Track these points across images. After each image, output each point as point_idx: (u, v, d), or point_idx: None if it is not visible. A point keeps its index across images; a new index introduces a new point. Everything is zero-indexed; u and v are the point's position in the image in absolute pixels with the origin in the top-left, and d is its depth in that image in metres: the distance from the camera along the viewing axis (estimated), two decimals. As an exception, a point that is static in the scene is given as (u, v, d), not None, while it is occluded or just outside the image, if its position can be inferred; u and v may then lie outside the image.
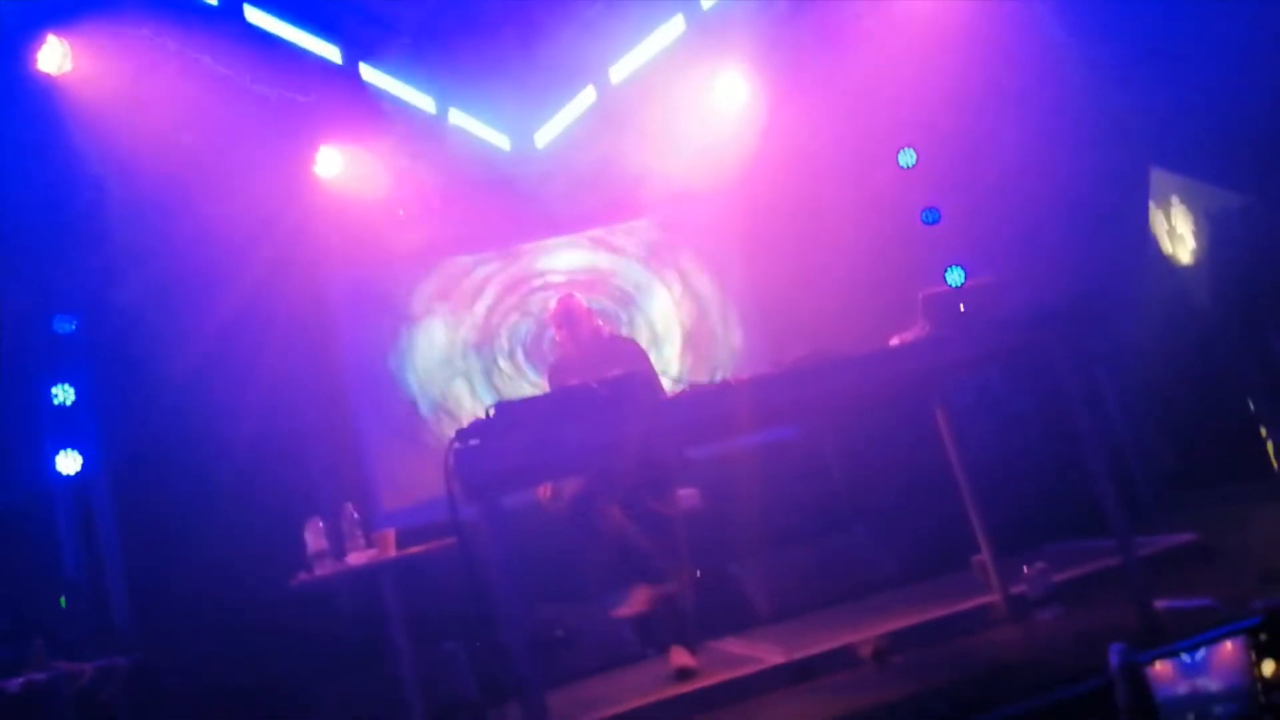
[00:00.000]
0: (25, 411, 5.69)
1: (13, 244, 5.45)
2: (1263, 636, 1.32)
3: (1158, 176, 6.33)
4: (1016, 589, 3.90)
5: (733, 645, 4.54)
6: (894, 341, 3.15)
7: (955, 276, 6.40)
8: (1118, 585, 3.50)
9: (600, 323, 4.43)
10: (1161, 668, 0.59)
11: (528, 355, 6.63)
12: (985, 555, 4.04)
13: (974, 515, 4.03)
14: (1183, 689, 0.59)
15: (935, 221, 6.65)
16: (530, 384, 6.52)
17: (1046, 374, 3.26)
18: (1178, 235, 6.82)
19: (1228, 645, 0.60)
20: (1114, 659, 0.56)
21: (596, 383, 2.87)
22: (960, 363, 3.21)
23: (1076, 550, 4.65)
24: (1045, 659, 3.21)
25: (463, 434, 2.87)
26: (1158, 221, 6.81)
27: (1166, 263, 6.65)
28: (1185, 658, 0.59)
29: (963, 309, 3.15)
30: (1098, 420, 3.77)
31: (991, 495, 4.15)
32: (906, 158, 6.75)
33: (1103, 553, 4.17)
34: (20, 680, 3.63)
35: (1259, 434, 5.53)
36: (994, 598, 3.97)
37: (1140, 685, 0.56)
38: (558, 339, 4.44)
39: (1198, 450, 5.83)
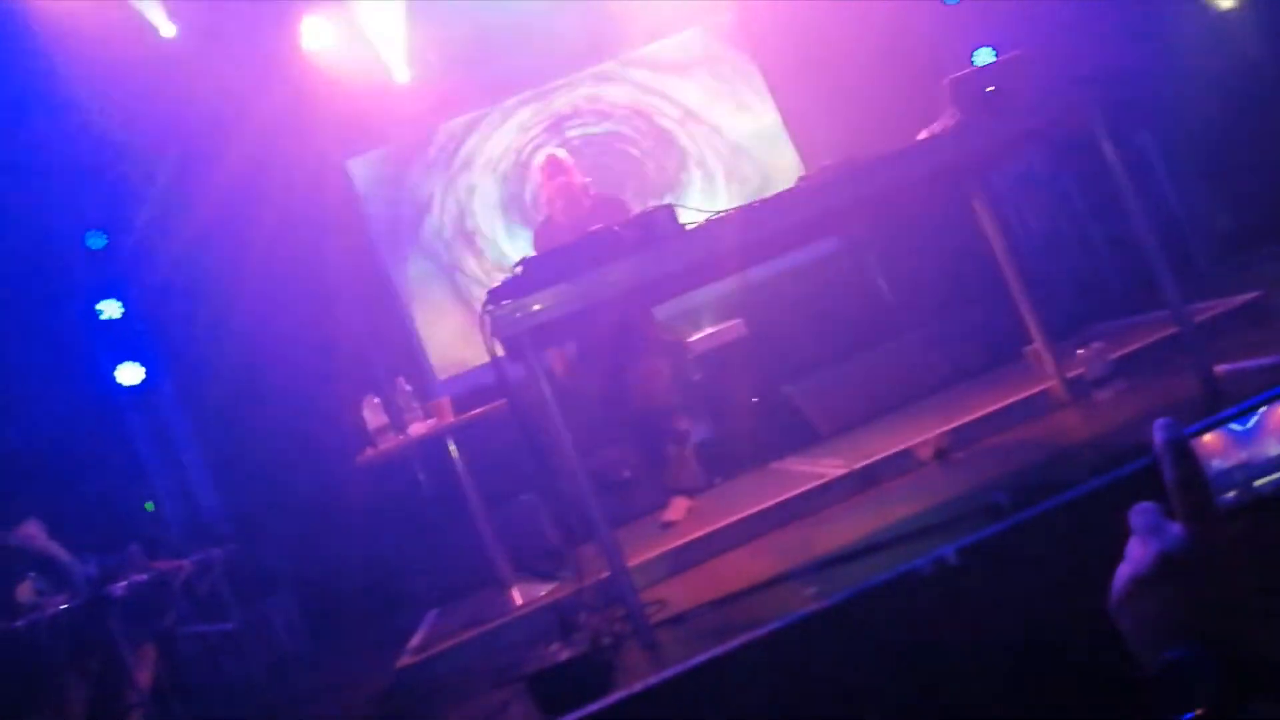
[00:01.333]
0: (75, 328, 5.82)
1: (41, 165, 5.43)
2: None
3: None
4: (1074, 372, 3.86)
5: (794, 464, 4.61)
6: (922, 135, 3.01)
7: (984, 57, 6.05)
8: (1179, 356, 3.44)
9: (587, 180, 4.28)
10: (1211, 439, 0.55)
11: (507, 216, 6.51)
12: (1039, 342, 3.98)
13: (1023, 303, 3.95)
14: (1237, 459, 0.55)
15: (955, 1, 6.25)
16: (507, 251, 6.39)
17: (1088, 147, 3.09)
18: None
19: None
20: (1158, 435, 0.53)
21: (619, 226, 2.81)
22: (992, 148, 3.07)
23: (1134, 326, 4.56)
24: (1105, 440, 3.18)
25: (494, 294, 2.85)
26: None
27: (1205, 7, 6.20)
28: (1237, 425, 0.56)
29: (991, 90, 2.97)
30: (1145, 187, 3.61)
31: (1042, 280, 4.05)
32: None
33: (1162, 324, 4.07)
34: (124, 584, 3.84)
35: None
36: (1052, 382, 3.93)
37: (1188, 460, 0.53)
38: (543, 197, 4.30)
39: (1254, 207, 5.61)
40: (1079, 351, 3.80)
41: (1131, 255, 3.93)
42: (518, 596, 4.00)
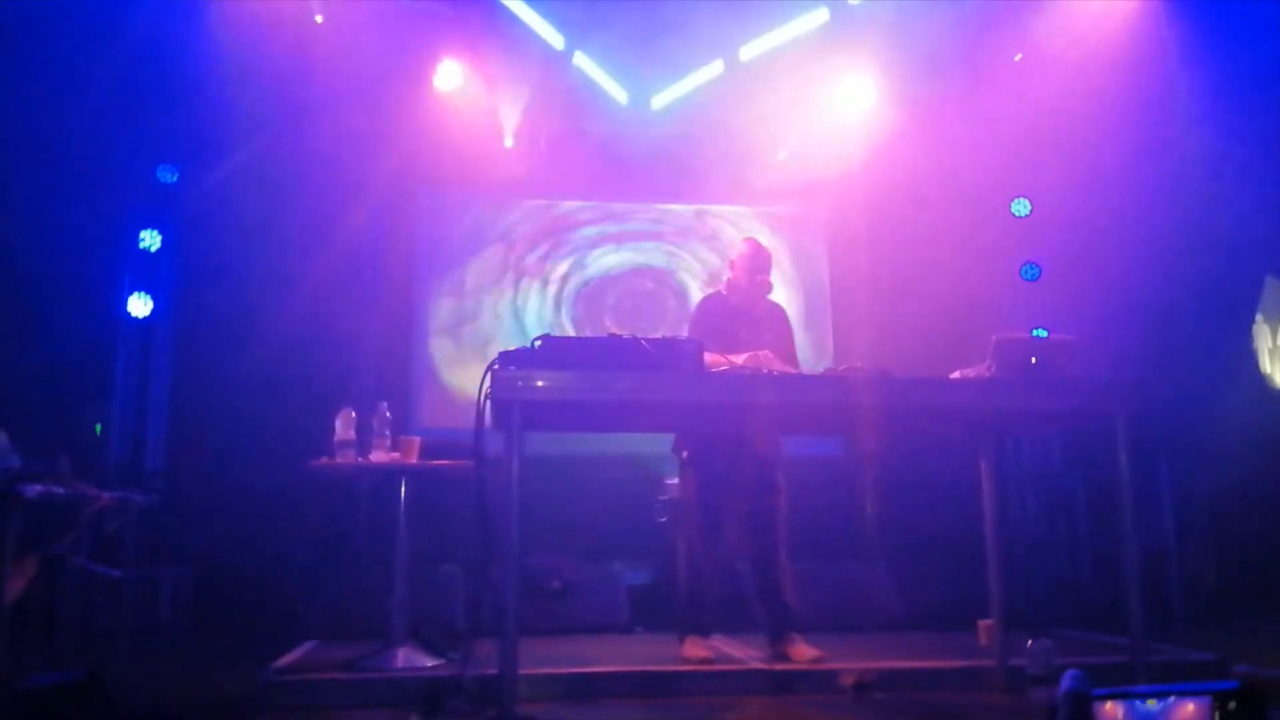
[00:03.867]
0: (113, 253, 5.89)
1: (127, 91, 5.60)
2: (1232, 705, 1.20)
3: (1272, 287, 6.04)
4: (1017, 661, 3.78)
5: (720, 641, 4.49)
6: (955, 374, 3.06)
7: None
8: (1121, 684, 3.37)
9: (772, 281, 4.31)
10: (1112, 708, 0.53)
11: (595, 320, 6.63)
12: (994, 621, 3.92)
13: (994, 577, 3.90)
14: (1133, 736, 0.53)
15: (1034, 279, 6.45)
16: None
17: (1104, 459, 3.12)
18: (1279, 354, 6.51)
19: (1190, 706, 0.54)
20: (1064, 682, 0.50)
21: (644, 339, 2.84)
22: (1015, 410, 3.10)
23: (1090, 640, 4.50)
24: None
25: (505, 357, 2.87)
26: (1261, 335, 6.50)
27: (1260, 379, 6.35)
28: (1140, 704, 0.53)
29: (1034, 361, 3.03)
30: (1145, 514, 3.62)
31: (1021, 563, 4.02)
32: (1020, 206, 6.56)
33: (1116, 649, 4.02)
34: (40, 489, 3.74)
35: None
36: (992, 663, 3.85)
37: (1083, 715, 0.50)
38: (730, 278, 4.30)
39: (1244, 575, 5.58)
40: (1029, 643, 3.73)
41: (1112, 573, 3.91)
42: (401, 658, 3.88)
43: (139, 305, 5.92)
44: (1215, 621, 5.33)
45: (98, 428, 5.52)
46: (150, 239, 6.02)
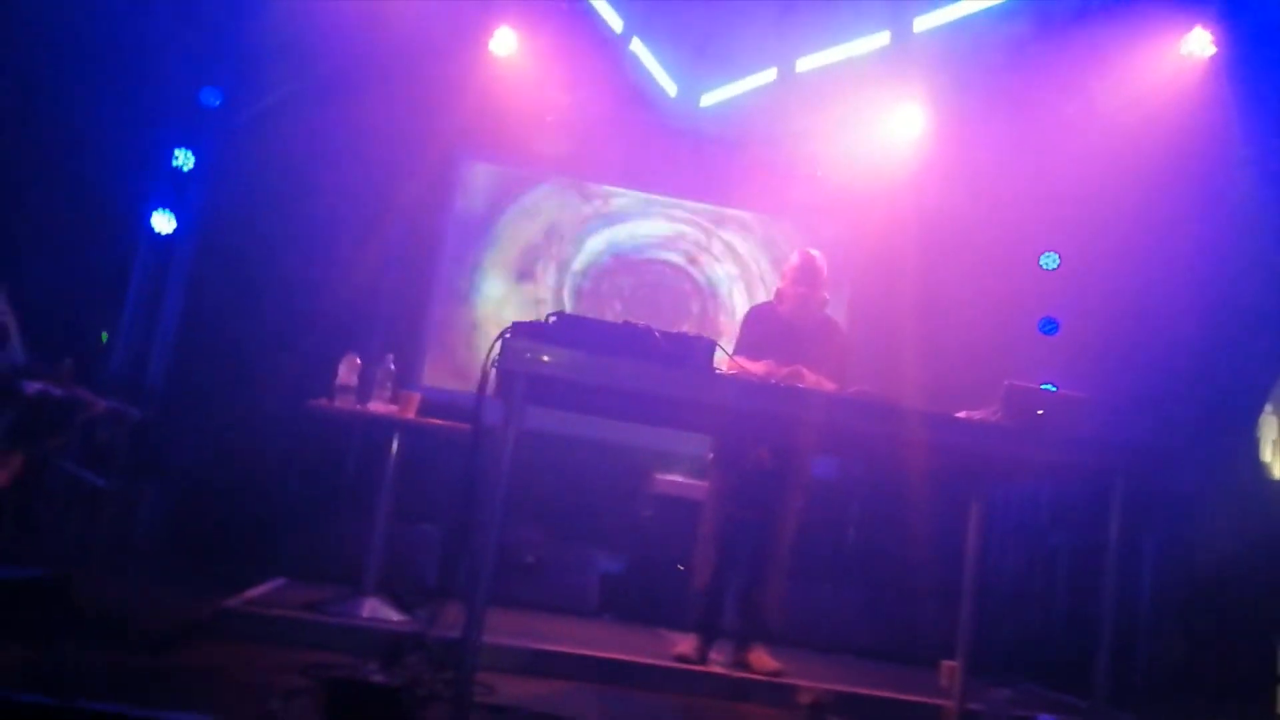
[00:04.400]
0: (145, 168, 5.90)
1: (184, 7, 5.61)
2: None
3: (1289, 380, 6.01)
4: (974, 705, 3.79)
5: (683, 640, 4.50)
6: (961, 414, 3.05)
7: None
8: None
9: (827, 295, 4.24)
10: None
11: (608, 305, 6.64)
12: (959, 662, 3.92)
13: (964, 621, 3.90)
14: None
15: (1051, 333, 6.44)
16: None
17: (1091, 524, 3.12)
18: (1282, 447, 6.49)
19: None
20: None
21: (659, 331, 2.83)
22: (1016, 458, 3.09)
23: (1050, 698, 4.50)
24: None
25: (518, 326, 2.87)
26: (1268, 424, 6.47)
27: (1258, 468, 6.32)
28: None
29: (1041, 413, 3.02)
30: (1124, 582, 3.60)
31: (991, 612, 4.03)
32: (1050, 260, 6.54)
33: (1073, 710, 4.03)
34: (39, 387, 3.77)
35: (1274, 675, 5.25)
36: (950, 704, 3.85)
37: None
38: (780, 288, 4.25)
39: (1211, 658, 5.56)
40: (990, 690, 3.73)
41: (1082, 635, 3.90)
42: (367, 609, 3.90)
43: (163, 222, 5.94)
44: (1177, 698, 5.32)
45: (104, 336, 5.54)
46: (184, 159, 6.03)
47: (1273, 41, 5.23)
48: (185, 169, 6.02)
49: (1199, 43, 5.49)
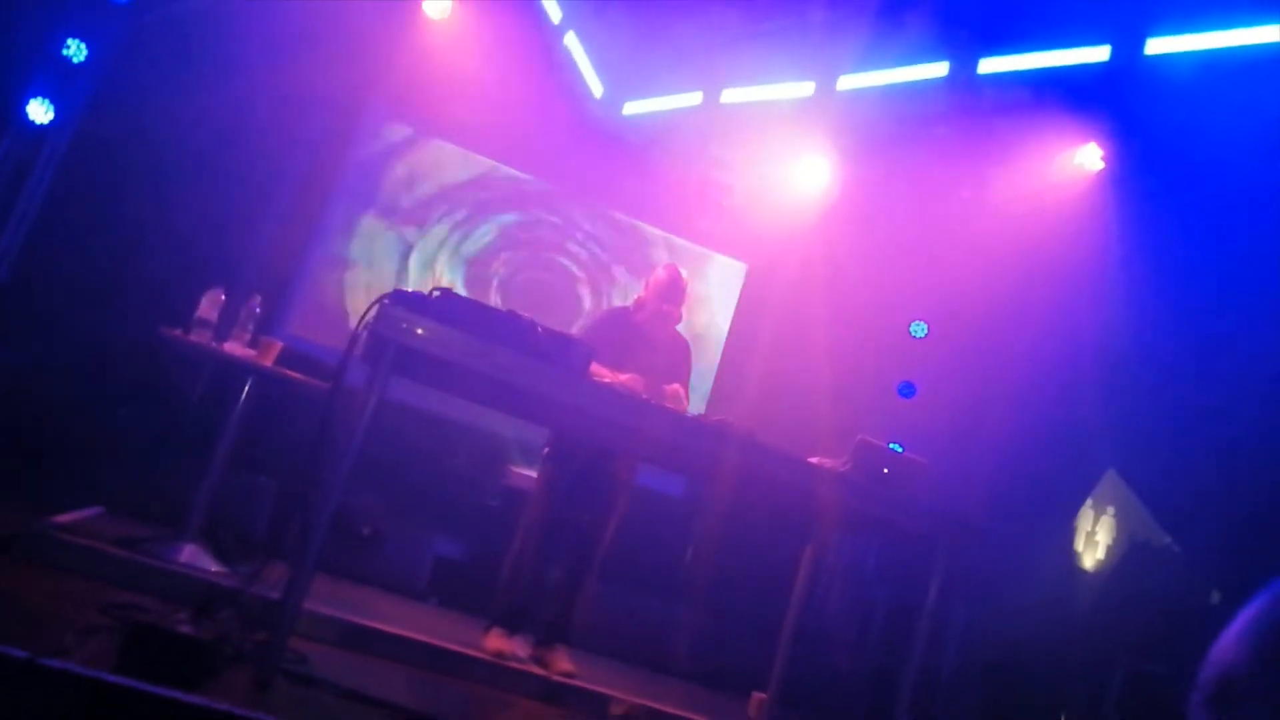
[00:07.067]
0: (30, 53, 5.51)
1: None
2: None
3: (1110, 480, 6.47)
4: (777, 741, 3.91)
5: (504, 640, 4.49)
6: (814, 459, 3.17)
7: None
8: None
9: (683, 313, 4.28)
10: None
11: (495, 293, 6.57)
12: (770, 697, 4.05)
13: (780, 656, 4.04)
14: None
15: (909, 396, 6.74)
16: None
17: (911, 583, 3.29)
18: (1093, 541, 6.98)
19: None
20: None
21: (541, 327, 2.84)
22: (856, 508, 3.23)
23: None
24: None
25: (399, 295, 2.82)
26: (1083, 518, 6.95)
27: (1070, 556, 6.78)
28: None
29: (886, 470, 3.17)
30: (931, 646, 3.80)
31: (805, 650, 4.17)
32: (918, 328, 6.85)
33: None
34: None
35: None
36: (753, 735, 3.97)
37: None
38: (641, 298, 4.28)
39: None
40: (793, 728, 3.86)
41: (886, 686, 4.09)
42: (185, 554, 3.72)
43: (40, 111, 5.54)
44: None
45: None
46: (76, 49, 5.65)
47: (1154, 168, 5.64)
48: (75, 60, 5.65)
49: (1090, 156, 5.87)
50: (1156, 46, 5.11)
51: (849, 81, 6.02)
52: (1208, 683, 0.96)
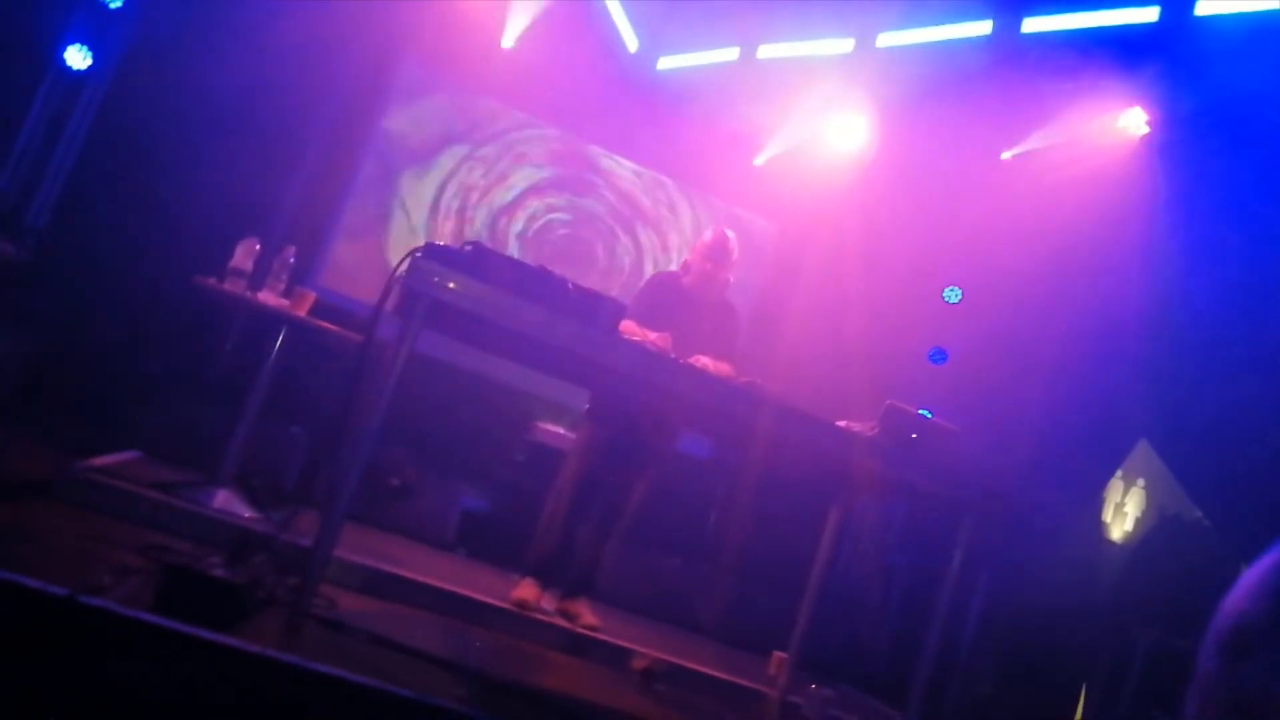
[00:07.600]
0: (71, 5, 5.52)
1: None
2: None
3: (1142, 451, 6.39)
4: (795, 699, 3.95)
5: (534, 590, 4.55)
6: (841, 423, 3.15)
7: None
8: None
9: (731, 277, 4.23)
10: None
11: (523, 247, 6.57)
12: (790, 655, 4.08)
13: (802, 617, 4.06)
14: None
15: (940, 362, 6.68)
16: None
17: (936, 549, 3.28)
18: (1122, 512, 6.92)
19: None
20: None
21: (572, 284, 2.83)
22: (883, 473, 3.22)
23: (868, 704, 4.71)
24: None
25: (431, 248, 2.82)
26: (1113, 489, 6.89)
27: (1097, 527, 6.73)
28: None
29: (914, 436, 3.15)
30: (952, 612, 3.80)
31: (828, 614, 4.18)
32: (952, 294, 6.77)
33: (886, 719, 4.24)
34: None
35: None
36: (774, 692, 4.00)
37: None
38: (688, 261, 4.24)
39: (1017, 699, 5.91)
40: (812, 685, 3.89)
41: (905, 653, 4.11)
42: (219, 500, 3.79)
43: (78, 57, 5.57)
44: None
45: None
46: (114, -2, 5.66)
47: (1202, 133, 5.48)
48: (112, 5, 5.66)
49: (1134, 120, 5.72)
50: (1207, 7, 4.95)
51: (889, 39, 5.89)
52: (1221, 632, 0.97)
